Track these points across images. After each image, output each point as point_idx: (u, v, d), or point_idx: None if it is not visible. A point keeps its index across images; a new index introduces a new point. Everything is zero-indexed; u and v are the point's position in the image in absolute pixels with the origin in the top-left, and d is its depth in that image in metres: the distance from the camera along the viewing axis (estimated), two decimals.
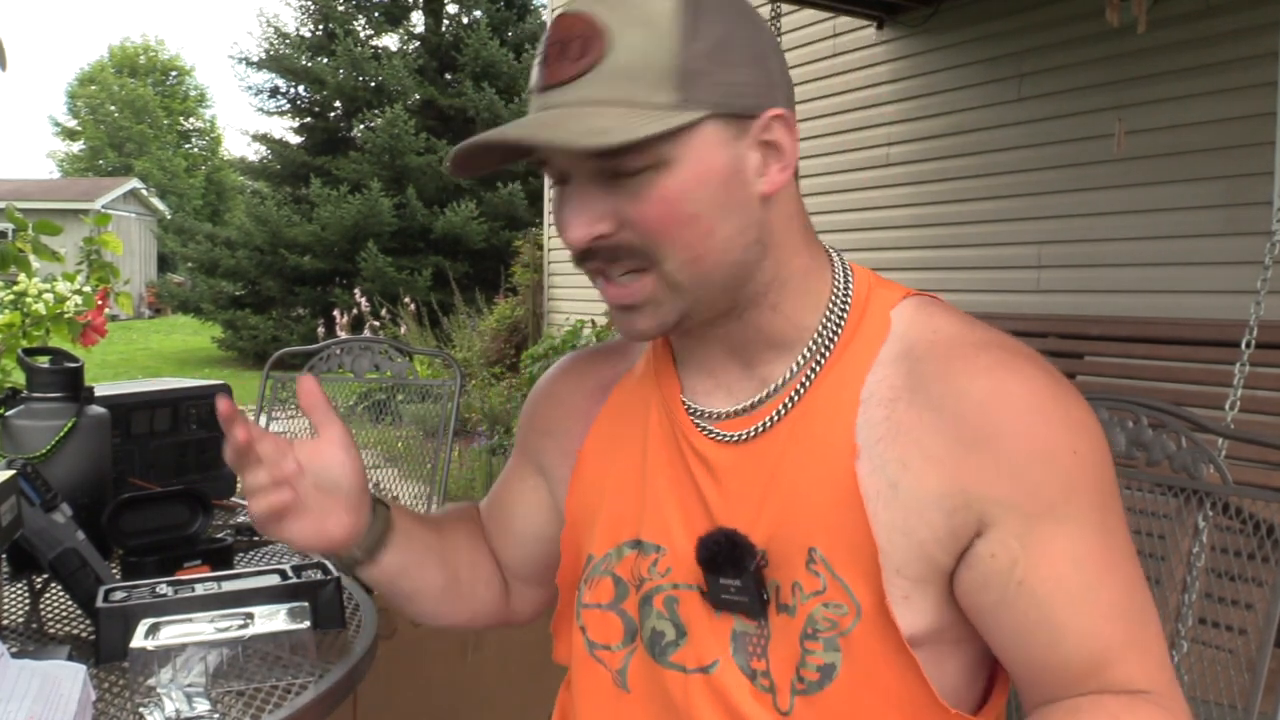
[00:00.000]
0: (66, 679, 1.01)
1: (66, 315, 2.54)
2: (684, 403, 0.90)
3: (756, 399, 0.87)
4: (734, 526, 0.84)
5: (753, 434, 0.86)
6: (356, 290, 11.03)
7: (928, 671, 0.80)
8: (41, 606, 1.37)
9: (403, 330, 9.79)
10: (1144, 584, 0.81)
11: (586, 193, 0.79)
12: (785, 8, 4.80)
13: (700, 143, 0.78)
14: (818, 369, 0.85)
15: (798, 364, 0.86)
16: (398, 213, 14.09)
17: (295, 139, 16.75)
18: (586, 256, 0.82)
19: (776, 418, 0.85)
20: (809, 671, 0.81)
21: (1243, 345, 2.68)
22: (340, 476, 0.89)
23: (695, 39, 0.77)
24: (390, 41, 16.83)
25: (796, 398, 0.85)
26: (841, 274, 0.89)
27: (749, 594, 0.82)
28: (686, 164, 0.77)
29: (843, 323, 0.86)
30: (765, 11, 4.74)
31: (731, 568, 0.82)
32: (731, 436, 0.86)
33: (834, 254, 0.91)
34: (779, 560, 0.82)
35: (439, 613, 1.04)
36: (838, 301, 0.87)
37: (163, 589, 1.21)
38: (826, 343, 0.86)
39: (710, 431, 0.88)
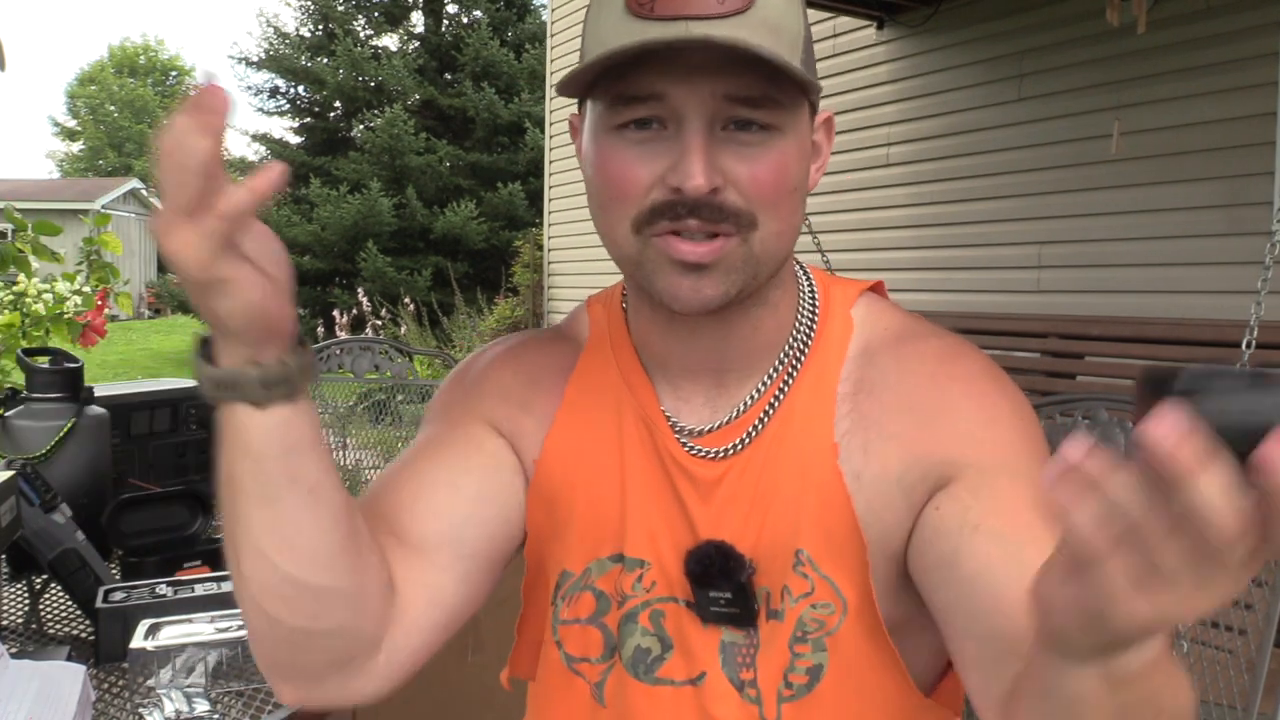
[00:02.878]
0: (66, 679, 1.01)
1: (66, 315, 2.54)
2: (665, 415, 0.87)
3: (737, 411, 0.85)
4: (720, 537, 0.82)
5: (737, 447, 0.85)
6: (357, 290, 11.03)
7: (906, 659, 0.81)
8: (41, 607, 1.37)
9: (403, 330, 9.80)
10: None
11: (707, 141, 0.75)
12: None
13: (802, 121, 0.79)
14: (794, 373, 0.86)
15: (775, 370, 0.86)
16: (397, 213, 14.08)
17: (295, 139, 16.75)
18: (676, 210, 0.75)
19: (760, 426, 0.84)
20: (797, 675, 0.81)
21: (1243, 345, 2.68)
22: (279, 254, 0.66)
23: (805, 19, 0.78)
24: (390, 41, 16.82)
25: (776, 404, 0.85)
26: (804, 275, 0.90)
27: (740, 605, 0.81)
28: (793, 137, 0.78)
29: (814, 324, 0.87)
30: None
31: (724, 580, 0.81)
32: (715, 452, 0.85)
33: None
34: (767, 567, 0.82)
35: (320, 587, 0.71)
36: (805, 303, 0.88)
37: (162, 589, 1.21)
38: (801, 346, 0.86)
39: (694, 449, 0.85)
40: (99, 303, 2.58)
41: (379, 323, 10.06)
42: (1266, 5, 3.61)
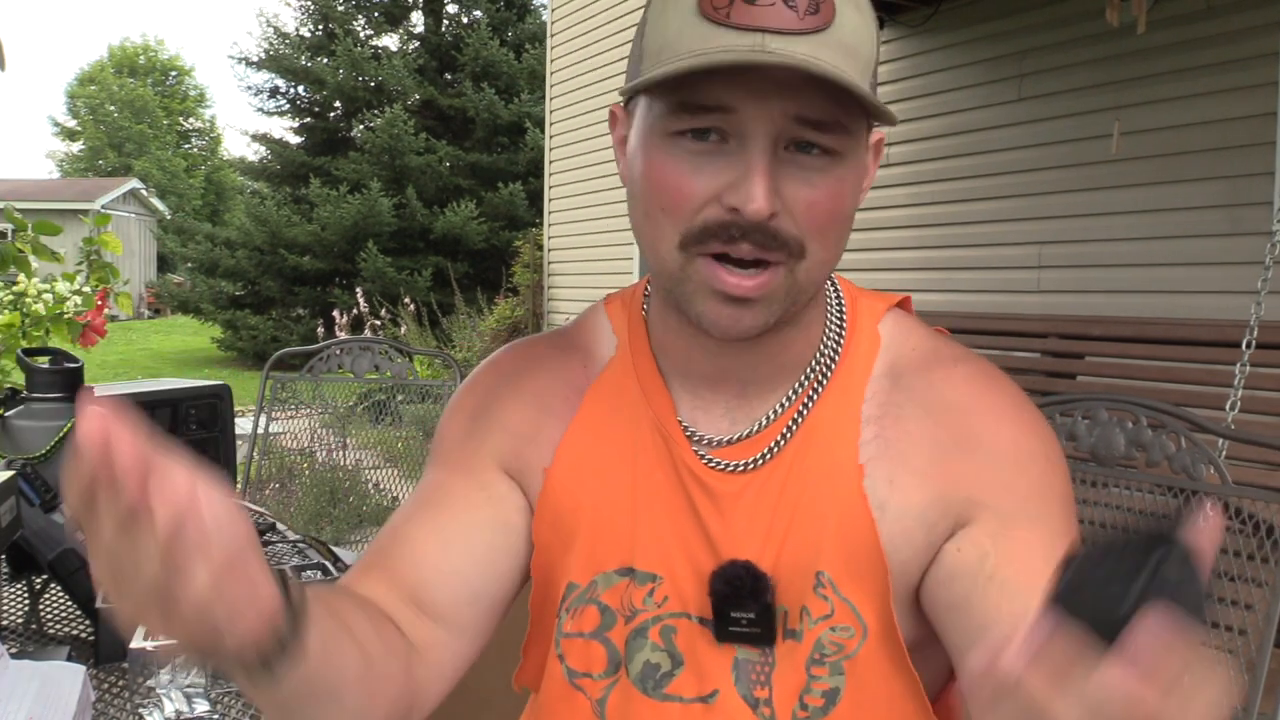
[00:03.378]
0: (66, 679, 1.01)
1: (66, 315, 2.54)
2: (682, 425, 0.84)
3: (759, 424, 0.83)
4: (742, 556, 0.80)
5: (758, 462, 0.82)
6: (357, 290, 11.03)
7: (921, 673, 0.80)
8: (41, 607, 1.37)
9: (403, 330, 9.79)
10: None
11: (771, 161, 0.72)
12: None
13: (863, 146, 0.77)
14: (820, 389, 0.83)
15: (800, 385, 0.84)
16: (397, 213, 14.08)
17: (295, 139, 16.75)
18: (731, 232, 0.73)
19: (782, 443, 0.82)
20: (813, 698, 0.79)
21: (1243, 345, 2.68)
22: (244, 528, 0.58)
23: (878, 42, 0.76)
24: (390, 41, 16.83)
25: (800, 420, 0.83)
26: (832, 288, 0.88)
27: (763, 625, 0.79)
28: (852, 161, 0.75)
29: (841, 340, 0.85)
30: None
31: (751, 601, 0.79)
32: (735, 465, 0.83)
33: None
34: (786, 586, 0.80)
35: (359, 710, 0.74)
36: (834, 318, 0.86)
37: None
38: (828, 362, 0.84)
39: (712, 461, 0.83)
40: (99, 303, 2.59)
41: (379, 323, 10.05)
42: (1266, 5, 3.61)
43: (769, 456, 0.82)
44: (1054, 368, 4.08)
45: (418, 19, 16.83)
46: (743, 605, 0.79)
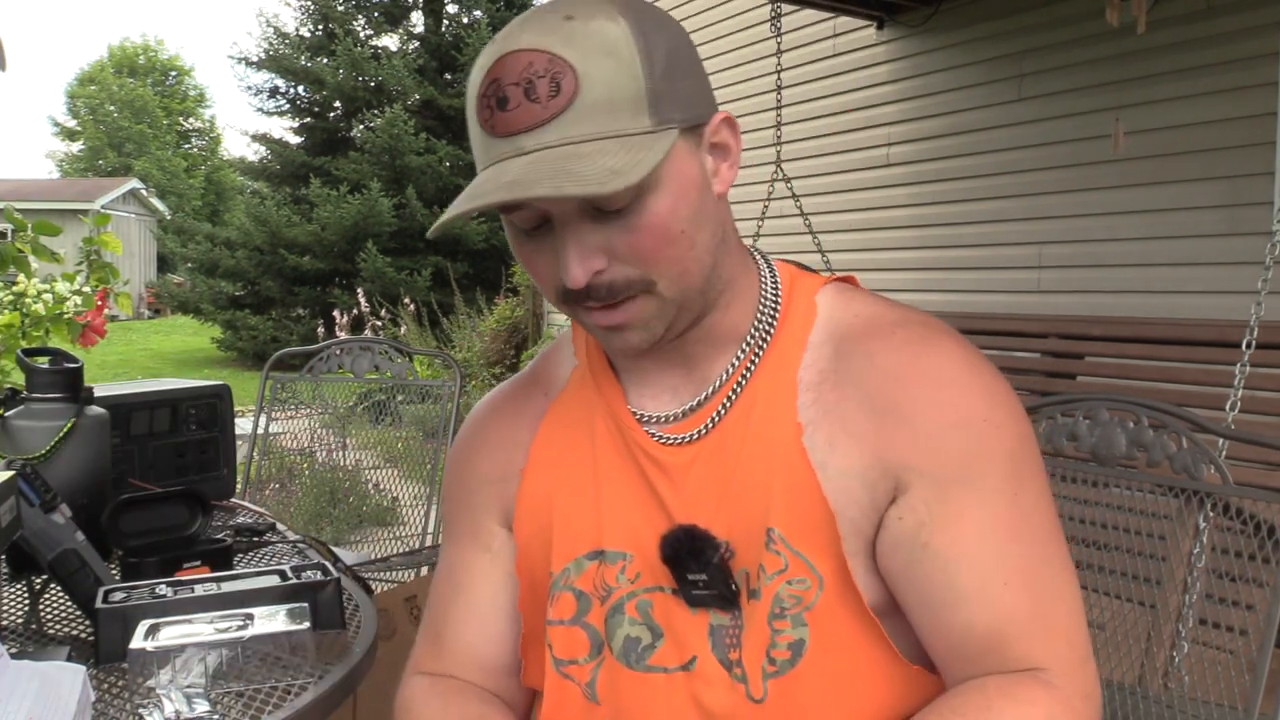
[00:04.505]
0: (66, 680, 1.00)
1: (66, 316, 2.54)
2: (631, 410, 0.91)
3: (701, 397, 0.88)
4: (694, 522, 0.84)
5: (702, 432, 0.87)
6: (357, 290, 11.03)
7: (892, 638, 0.83)
8: (41, 607, 1.37)
9: (403, 330, 9.79)
10: (1063, 562, 0.83)
11: (578, 232, 0.78)
12: (785, 8, 4.80)
13: (676, 160, 0.79)
14: (757, 360, 0.88)
15: (737, 358, 0.88)
16: (397, 213, 14.09)
17: (295, 139, 16.76)
18: (577, 296, 0.81)
19: (723, 411, 0.87)
20: (779, 651, 0.82)
21: (1243, 345, 2.68)
22: None
23: (652, 60, 0.77)
24: (390, 41, 16.84)
25: (739, 390, 0.87)
26: (767, 268, 0.92)
27: (717, 586, 0.83)
28: (668, 184, 0.78)
29: (776, 313, 0.89)
30: (765, 11, 4.74)
31: (694, 561, 0.83)
32: (682, 438, 0.88)
33: (754, 250, 0.94)
34: (742, 548, 0.84)
35: None
36: (769, 294, 0.90)
37: (162, 590, 1.21)
38: (763, 335, 0.89)
39: (660, 436, 0.89)
40: (99, 303, 2.59)
41: (379, 323, 10.05)
42: (1266, 5, 3.61)
43: (712, 425, 0.87)
44: (1054, 368, 4.07)
45: (418, 19, 16.84)
46: (690, 567, 0.83)
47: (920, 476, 0.81)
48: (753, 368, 0.87)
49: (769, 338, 0.88)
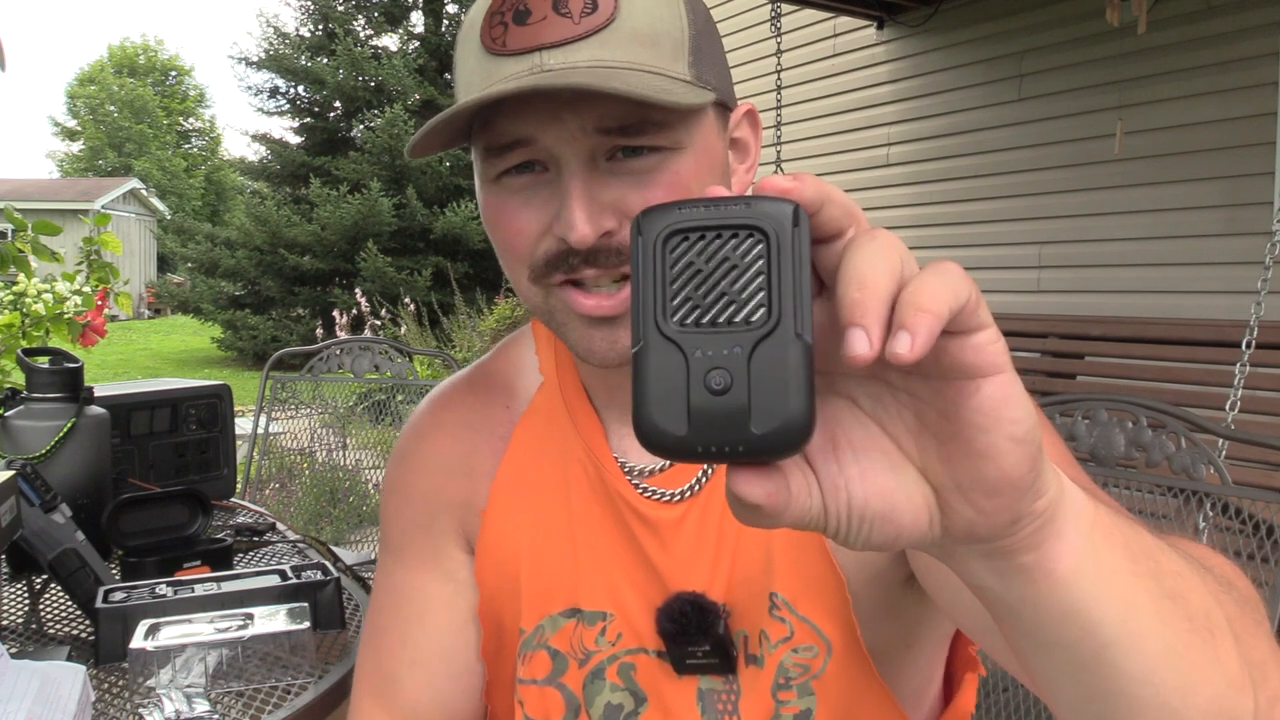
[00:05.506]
0: (66, 679, 1.00)
1: (66, 315, 2.54)
2: (616, 459, 0.80)
3: None
4: (690, 588, 0.76)
5: (694, 488, 0.78)
6: (357, 290, 11.02)
7: (891, 687, 0.77)
8: (41, 607, 1.37)
9: (403, 330, 9.79)
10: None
11: (588, 182, 0.67)
12: (785, 8, 4.80)
13: (706, 128, 0.71)
14: None
15: None
16: (397, 213, 14.08)
17: (295, 139, 16.74)
18: (569, 264, 0.69)
19: (714, 467, 0.77)
20: None
21: (1243, 345, 2.68)
22: None
23: (694, 14, 0.71)
24: (390, 41, 16.83)
25: None
26: None
27: (720, 655, 0.76)
28: (694, 150, 0.69)
29: None
30: (765, 11, 4.74)
31: (701, 635, 0.75)
32: (672, 495, 0.78)
33: None
34: (742, 611, 0.76)
35: None
36: None
37: (162, 589, 1.21)
38: None
39: (647, 490, 0.79)
40: (99, 303, 2.59)
41: (379, 323, 10.05)
42: (1266, 5, 3.61)
43: (704, 480, 0.78)
44: (1054, 368, 4.07)
45: (418, 19, 16.83)
46: (694, 640, 0.76)
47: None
48: None
49: None
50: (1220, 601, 0.48)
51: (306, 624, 1.13)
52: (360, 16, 16.63)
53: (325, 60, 15.91)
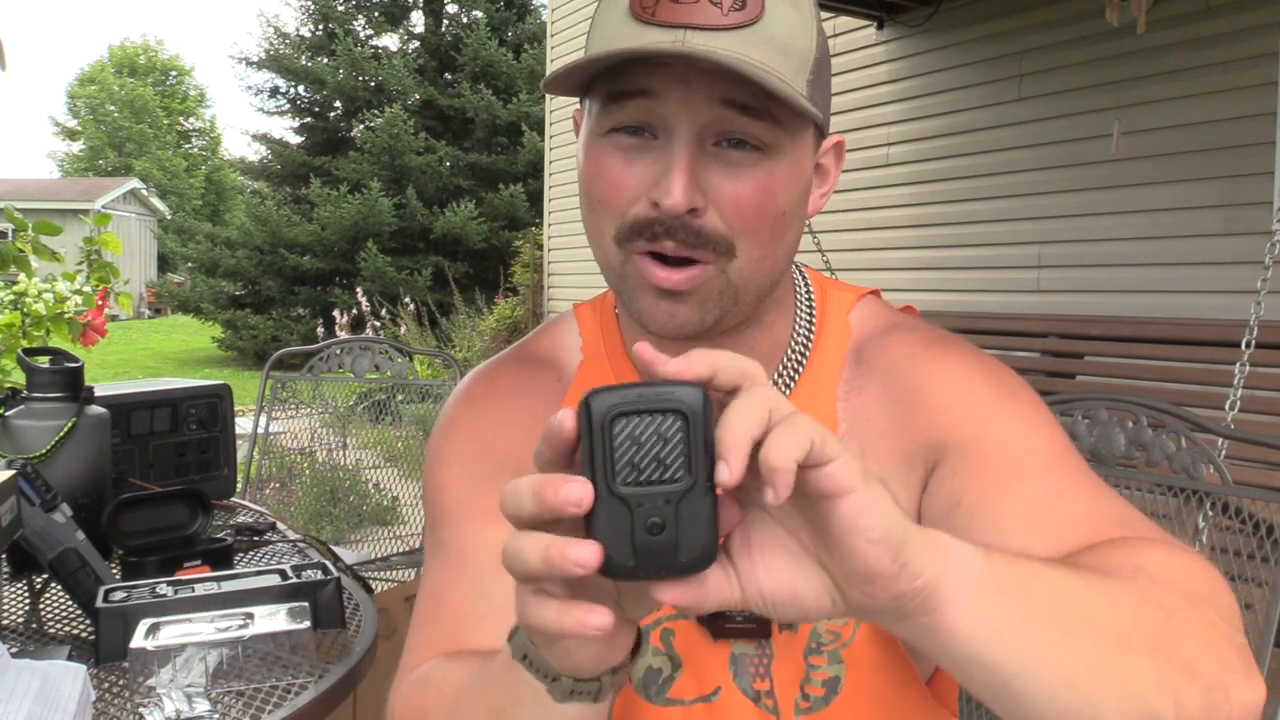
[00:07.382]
0: (66, 679, 1.01)
1: (66, 315, 2.54)
2: None
3: None
4: None
5: None
6: (357, 290, 11.03)
7: (914, 660, 0.80)
8: (41, 606, 1.37)
9: (403, 330, 9.79)
10: (1112, 491, 0.77)
11: (694, 154, 0.72)
12: None
13: (802, 144, 0.76)
14: (794, 382, 0.84)
15: (775, 381, 0.84)
16: (397, 213, 14.08)
17: (295, 139, 16.75)
18: (653, 231, 0.73)
19: None
20: (814, 688, 0.79)
21: (1243, 345, 2.68)
22: None
23: (820, 40, 0.76)
24: (390, 41, 16.84)
25: None
26: (801, 281, 0.89)
27: (759, 619, 0.79)
28: (788, 160, 0.74)
29: (811, 334, 0.86)
30: None
31: None
32: None
33: (797, 265, 0.89)
34: None
35: None
36: (803, 312, 0.87)
37: (163, 589, 1.21)
38: (800, 357, 0.85)
39: None
40: (99, 302, 2.59)
41: (379, 323, 10.06)
42: (1266, 5, 3.61)
43: None
44: (1054, 368, 4.08)
45: (418, 19, 16.83)
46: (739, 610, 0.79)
47: (947, 450, 0.78)
48: (789, 391, 0.84)
49: (804, 360, 0.85)
50: (1139, 618, 0.57)
51: (307, 623, 1.14)
52: (360, 16, 16.63)
53: (325, 60, 15.91)
